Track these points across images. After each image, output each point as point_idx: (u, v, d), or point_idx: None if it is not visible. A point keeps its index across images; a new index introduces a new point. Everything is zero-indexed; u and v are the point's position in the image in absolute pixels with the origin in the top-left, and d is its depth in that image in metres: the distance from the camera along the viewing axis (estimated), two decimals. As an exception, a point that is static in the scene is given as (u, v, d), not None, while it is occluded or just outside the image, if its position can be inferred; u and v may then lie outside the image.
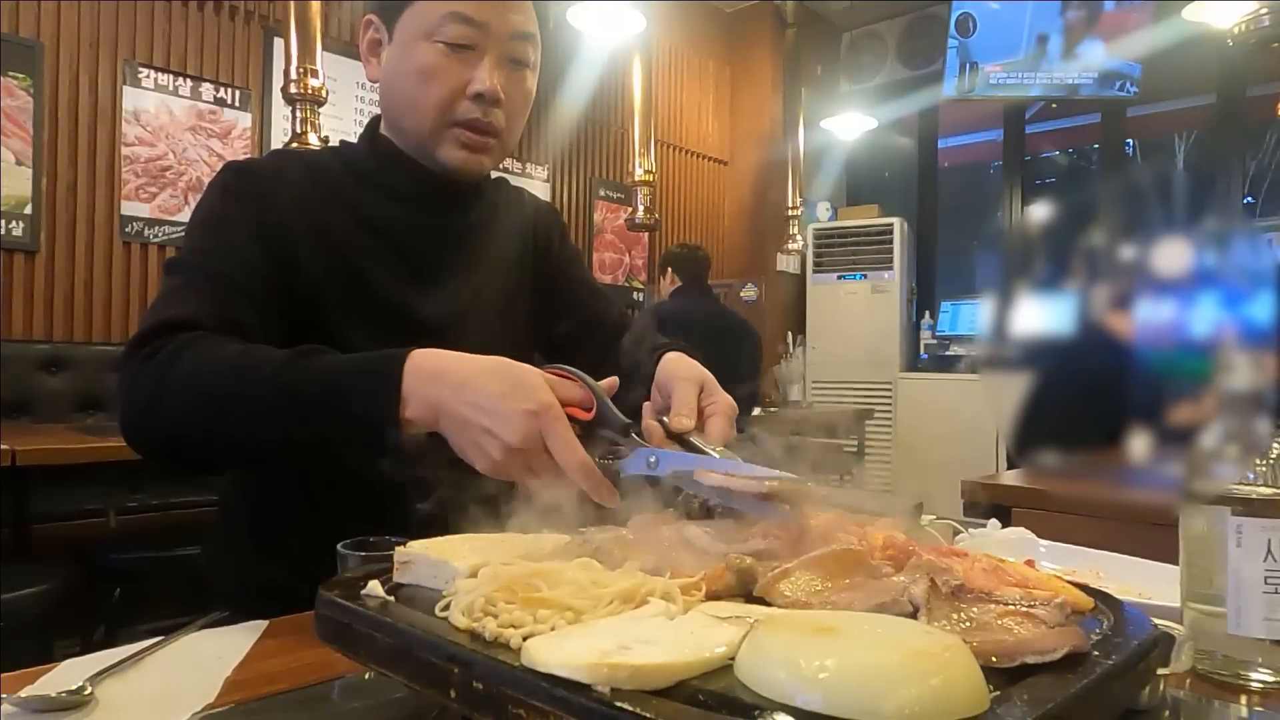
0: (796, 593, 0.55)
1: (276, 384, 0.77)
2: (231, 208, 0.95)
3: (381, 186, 1.04)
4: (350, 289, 0.98)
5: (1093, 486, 0.65)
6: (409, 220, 1.05)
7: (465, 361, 0.75)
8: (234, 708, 0.59)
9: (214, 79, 3.49)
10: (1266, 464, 0.67)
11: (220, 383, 0.79)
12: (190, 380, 0.79)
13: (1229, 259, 0.37)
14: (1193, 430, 0.38)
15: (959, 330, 5.23)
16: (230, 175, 0.98)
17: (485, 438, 0.71)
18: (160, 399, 0.81)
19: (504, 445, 0.70)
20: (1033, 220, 0.42)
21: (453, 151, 1.01)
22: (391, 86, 1.02)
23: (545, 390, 0.72)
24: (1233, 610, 0.66)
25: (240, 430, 0.79)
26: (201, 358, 0.80)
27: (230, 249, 0.92)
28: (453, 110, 0.99)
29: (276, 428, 0.77)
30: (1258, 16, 3.22)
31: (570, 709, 0.40)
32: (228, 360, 0.80)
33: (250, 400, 0.77)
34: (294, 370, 0.78)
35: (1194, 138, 6.36)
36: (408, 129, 1.03)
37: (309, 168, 1.03)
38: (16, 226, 3.01)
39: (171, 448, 0.84)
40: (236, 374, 0.79)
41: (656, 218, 4.30)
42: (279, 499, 1.01)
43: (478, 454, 0.71)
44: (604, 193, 5.10)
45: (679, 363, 0.94)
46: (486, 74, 0.98)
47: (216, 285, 0.89)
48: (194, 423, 0.80)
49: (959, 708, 0.39)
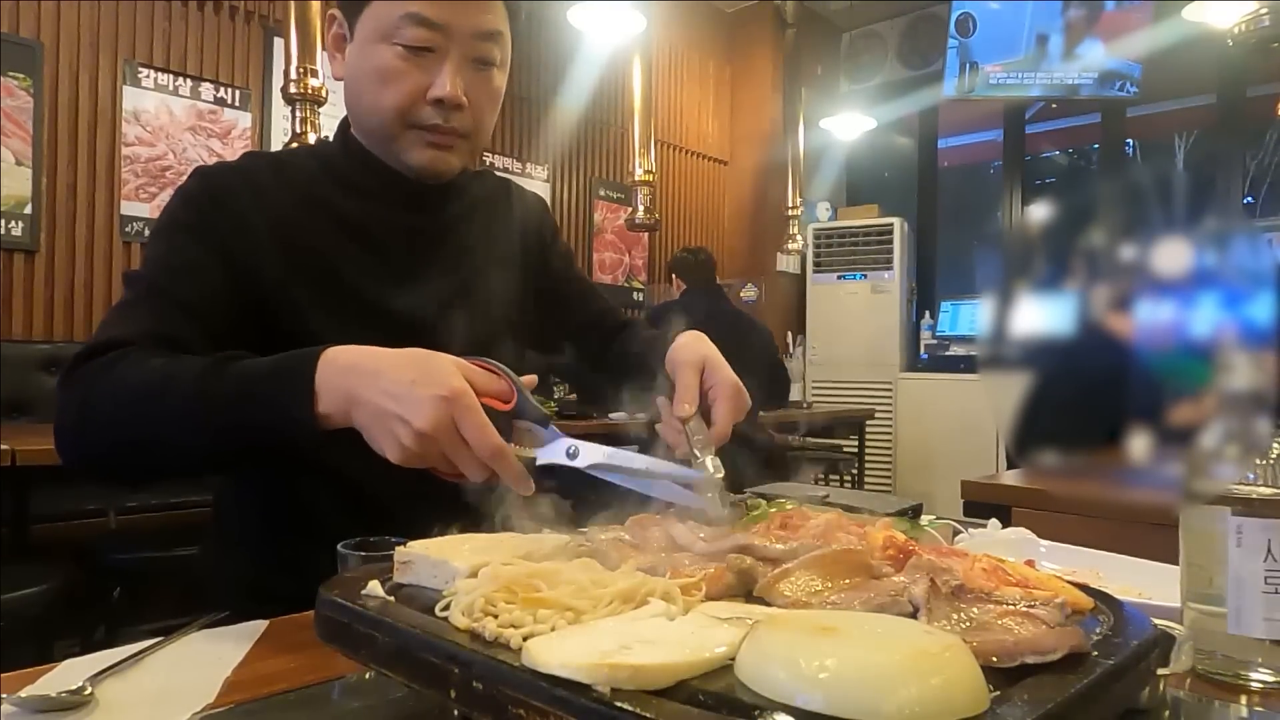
0: (796, 593, 0.55)
1: (195, 389, 0.78)
2: (191, 216, 0.94)
3: (354, 185, 1.02)
4: (325, 289, 0.96)
5: (1093, 486, 0.65)
6: (384, 218, 1.02)
7: (379, 354, 0.75)
8: (234, 708, 0.59)
9: (214, 79, 3.49)
10: (1266, 464, 0.67)
11: (142, 395, 0.80)
12: (113, 396, 0.81)
13: (1229, 259, 0.37)
14: (1193, 430, 0.38)
15: (959, 330, 5.23)
16: (194, 181, 0.96)
17: (397, 424, 0.70)
18: (87, 416, 0.82)
19: (414, 431, 0.70)
20: (1033, 220, 0.42)
21: (417, 152, 0.98)
22: (352, 87, 0.99)
23: (457, 376, 0.71)
24: (1233, 610, 0.66)
25: (166, 439, 0.80)
26: (125, 373, 0.81)
27: (182, 262, 0.91)
28: (413, 114, 0.96)
29: (199, 433, 0.78)
30: (1258, 16, 3.22)
31: (570, 709, 0.40)
32: (150, 373, 0.81)
33: (171, 409, 0.79)
34: (212, 375, 0.79)
35: (1194, 138, 6.35)
36: (371, 130, 1.00)
37: (282, 169, 1.01)
38: (16, 226, 3.01)
39: (103, 462, 0.85)
40: (160, 384, 0.80)
41: (656, 218, 4.30)
42: (275, 500, 1.01)
43: (390, 442, 0.72)
44: (604, 193, 5.10)
45: (682, 348, 0.92)
46: (447, 79, 0.94)
47: (159, 300, 0.89)
48: (120, 436, 0.81)
49: (959, 708, 0.39)
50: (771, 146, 5.67)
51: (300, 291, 0.95)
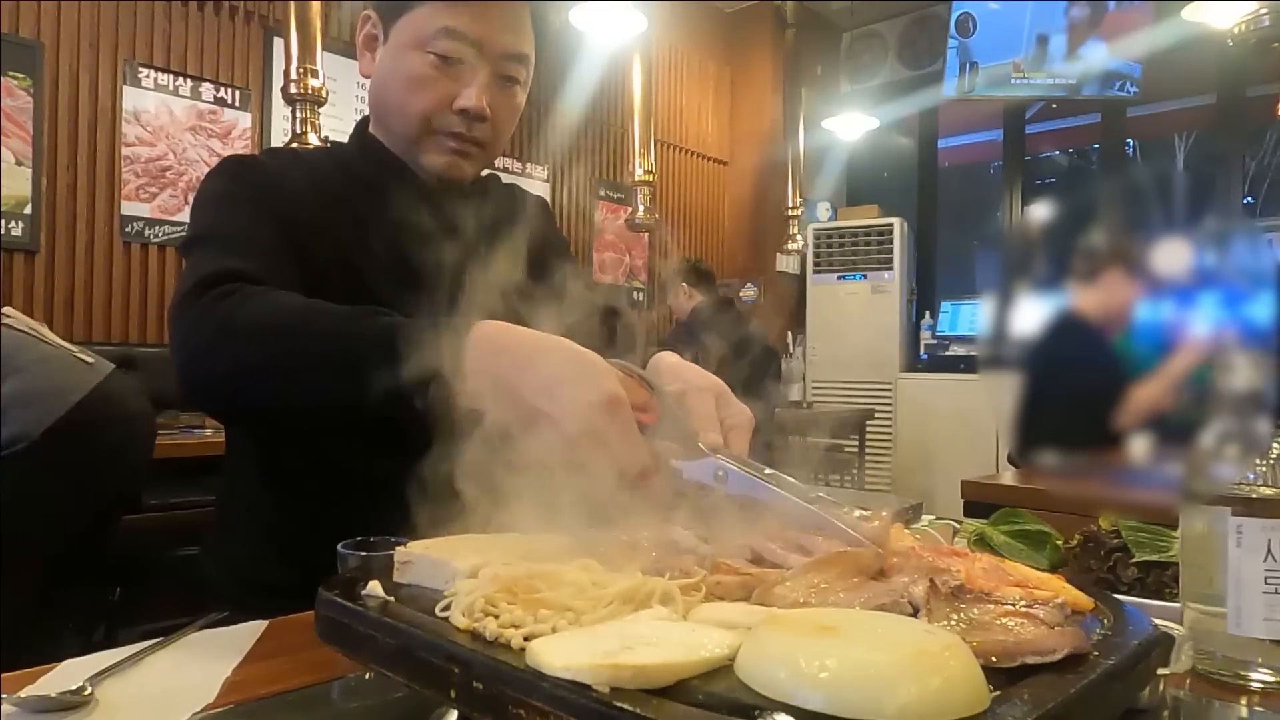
0: (796, 594, 0.55)
1: (340, 335, 0.74)
2: (242, 190, 0.95)
3: (372, 186, 1.05)
4: (347, 286, 0.97)
5: (1093, 486, 0.65)
6: (400, 219, 1.04)
7: (534, 340, 0.70)
8: (234, 708, 0.59)
9: (214, 79, 3.49)
10: (1266, 464, 0.67)
11: (287, 325, 0.77)
12: (260, 320, 0.78)
13: (1229, 259, 0.37)
14: (1193, 430, 0.38)
15: (959, 330, 5.23)
16: (234, 164, 0.99)
17: (546, 424, 0.65)
18: (230, 335, 0.79)
19: (566, 435, 0.64)
20: (1033, 220, 0.42)
21: (436, 157, 1.02)
22: (381, 87, 1.03)
23: (613, 380, 0.66)
24: (1233, 610, 0.66)
25: (297, 377, 0.76)
26: (270, 302, 0.80)
27: (250, 224, 0.92)
28: (437, 120, 1.00)
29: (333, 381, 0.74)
30: (1258, 16, 3.22)
31: (570, 709, 0.40)
32: (296, 306, 0.79)
33: (313, 349, 0.75)
34: (358, 324, 0.75)
35: (1194, 138, 6.36)
36: (394, 131, 1.04)
37: (305, 165, 1.04)
38: (16, 226, 3.01)
39: (230, 385, 0.81)
40: (303, 319, 0.77)
41: (656, 218, 4.31)
42: (276, 499, 1.01)
43: (534, 439, 0.66)
44: (604, 193, 5.10)
45: (687, 369, 0.86)
46: (475, 91, 0.98)
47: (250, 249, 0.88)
48: (259, 362, 0.78)
49: (959, 707, 0.39)
50: (771, 146, 5.67)
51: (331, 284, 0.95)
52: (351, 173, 1.05)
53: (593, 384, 0.65)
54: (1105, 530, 0.94)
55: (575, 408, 0.64)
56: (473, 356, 0.69)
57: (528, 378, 0.67)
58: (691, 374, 0.85)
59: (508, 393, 0.67)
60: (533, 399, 0.66)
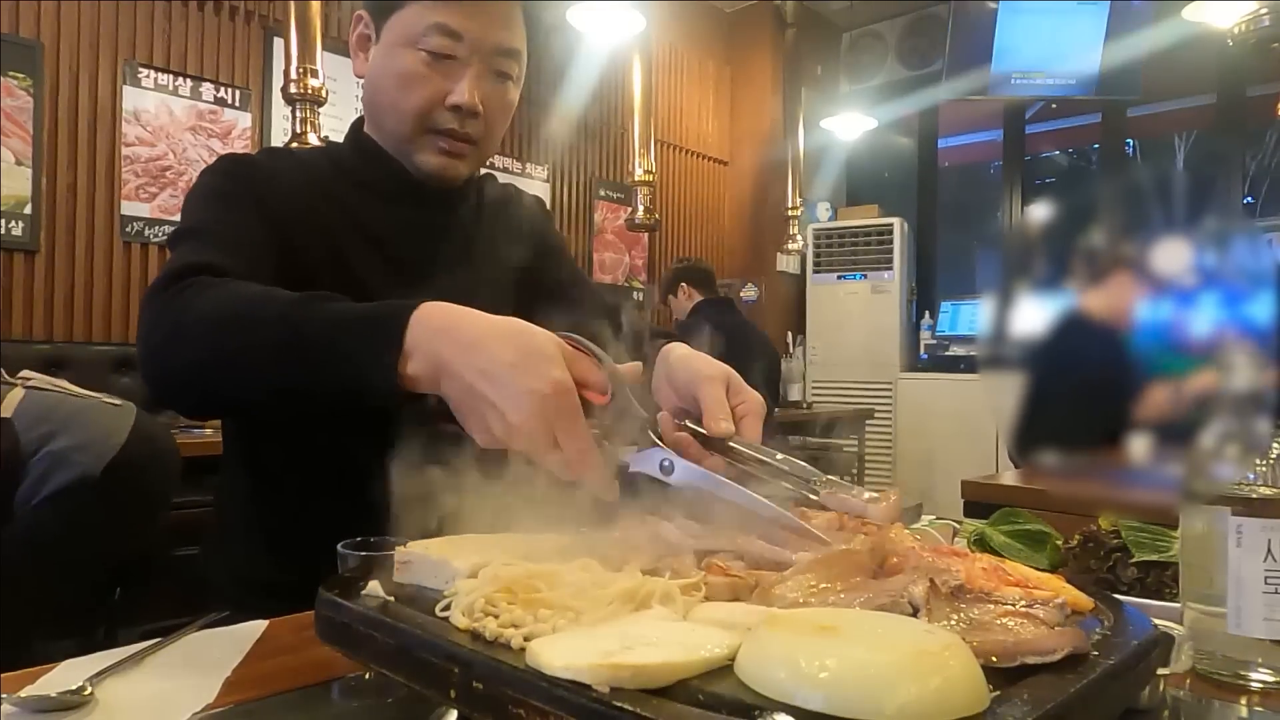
0: (796, 594, 0.55)
1: (285, 323, 0.74)
2: (235, 187, 0.96)
3: (367, 185, 1.05)
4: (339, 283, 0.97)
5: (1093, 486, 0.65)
6: (395, 218, 1.05)
7: (476, 320, 0.68)
8: (234, 708, 0.59)
9: (214, 79, 3.49)
10: (1266, 464, 0.67)
11: (235, 316, 0.77)
12: (210, 314, 0.78)
13: (1229, 259, 0.37)
14: (1193, 430, 0.38)
15: (959, 330, 5.23)
16: (229, 163, 1.00)
17: (489, 410, 0.64)
18: (181, 331, 0.79)
19: (507, 424, 0.64)
20: (1033, 220, 0.42)
21: (429, 157, 1.02)
22: (374, 87, 1.03)
23: (559, 365, 0.64)
24: (1233, 610, 0.66)
25: (246, 367, 0.76)
26: (222, 294, 0.79)
27: (237, 221, 0.92)
28: (430, 118, 1.00)
29: (279, 368, 0.74)
30: (1258, 16, 3.22)
31: (570, 709, 0.40)
32: (247, 296, 0.79)
33: (259, 338, 0.75)
34: (303, 309, 0.74)
35: (1194, 138, 6.36)
36: (388, 130, 1.04)
37: (300, 164, 1.05)
38: (16, 226, 3.01)
39: (185, 379, 0.81)
40: (251, 309, 0.77)
41: (656, 218, 4.31)
42: (275, 498, 1.02)
43: (478, 425, 0.66)
44: (604, 193, 5.10)
45: (696, 358, 0.85)
46: (466, 87, 0.98)
47: (231, 244, 0.89)
48: (209, 357, 0.78)
49: (959, 707, 0.39)
50: (771, 147, 5.67)
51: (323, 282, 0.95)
52: (345, 172, 1.06)
53: (536, 370, 0.63)
54: (1105, 530, 0.94)
55: (517, 395, 0.63)
56: (412, 335, 0.68)
57: (470, 359, 0.66)
58: (701, 363, 0.84)
59: (450, 374, 0.66)
60: (475, 382, 0.65)
